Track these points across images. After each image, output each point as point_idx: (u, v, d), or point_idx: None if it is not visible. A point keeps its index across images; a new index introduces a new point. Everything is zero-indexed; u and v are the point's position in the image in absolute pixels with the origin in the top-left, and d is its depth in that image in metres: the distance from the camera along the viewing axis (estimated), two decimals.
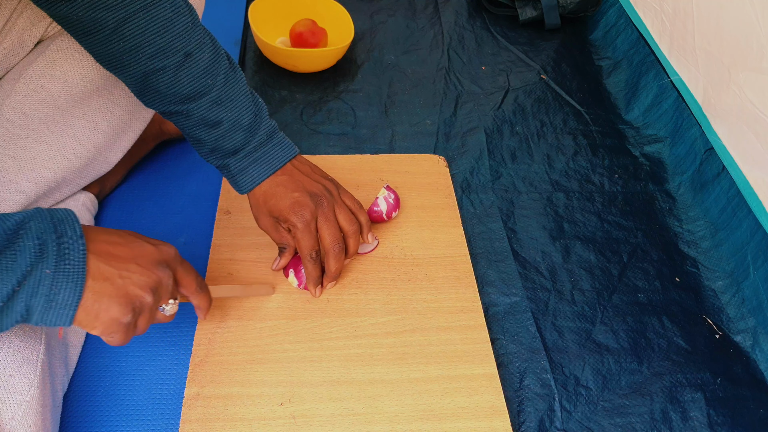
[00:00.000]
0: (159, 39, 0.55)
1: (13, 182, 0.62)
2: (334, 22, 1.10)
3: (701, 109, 0.95)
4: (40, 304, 0.42)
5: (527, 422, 0.66)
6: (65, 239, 0.44)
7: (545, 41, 1.24)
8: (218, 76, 0.60)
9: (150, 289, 0.48)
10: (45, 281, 0.42)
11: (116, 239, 0.48)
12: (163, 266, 0.50)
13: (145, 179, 0.83)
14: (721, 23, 0.88)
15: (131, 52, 0.55)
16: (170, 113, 0.61)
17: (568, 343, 0.74)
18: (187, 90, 0.58)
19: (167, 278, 0.50)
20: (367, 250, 0.77)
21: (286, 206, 0.63)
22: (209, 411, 0.60)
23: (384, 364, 0.66)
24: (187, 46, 0.57)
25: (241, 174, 0.64)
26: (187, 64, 0.58)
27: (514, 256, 0.82)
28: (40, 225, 0.43)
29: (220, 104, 0.60)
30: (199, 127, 0.61)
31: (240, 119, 0.62)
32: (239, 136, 0.62)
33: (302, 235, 0.63)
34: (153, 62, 0.56)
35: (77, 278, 0.43)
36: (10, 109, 0.60)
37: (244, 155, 0.63)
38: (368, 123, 1.00)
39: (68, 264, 0.43)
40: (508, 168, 0.95)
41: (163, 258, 0.50)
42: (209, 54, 0.59)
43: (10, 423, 0.49)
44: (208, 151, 0.64)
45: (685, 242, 0.89)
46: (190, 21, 0.57)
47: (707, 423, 0.69)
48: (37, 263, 0.41)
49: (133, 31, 0.54)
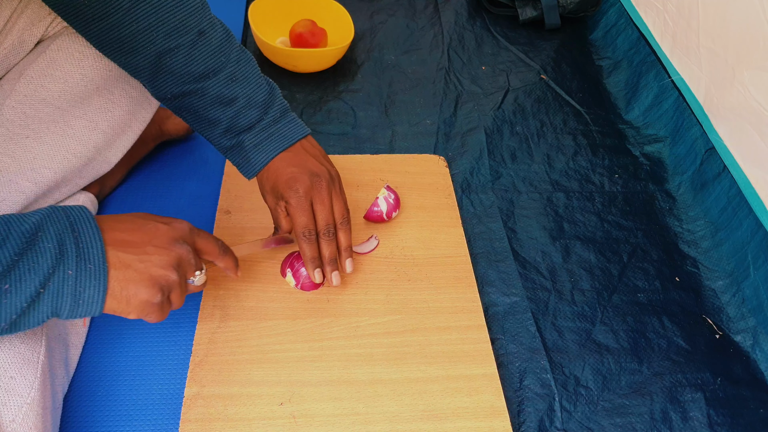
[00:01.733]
0: (172, 18, 0.55)
1: (13, 182, 0.62)
2: (334, 22, 1.10)
3: (702, 109, 0.95)
4: (68, 303, 0.44)
5: (527, 422, 0.66)
6: (82, 237, 0.45)
7: (545, 41, 1.24)
8: (231, 53, 0.60)
9: (172, 267, 0.49)
10: (68, 282, 0.43)
11: (129, 225, 0.49)
12: (179, 242, 0.51)
13: (145, 179, 0.83)
14: (726, 21, 0.88)
15: (144, 32, 0.55)
16: (184, 94, 0.60)
17: (568, 343, 0.74)
18: (202, 68, 0.58)
19: (186, 252, 0.51)
20: (367, 250, 0.77)
21: (283, 181, 0.62)
22: (209, 411, 0.60)
23: (384, 364, 0.66)
24: (200, 24, 0.57)
25: (255, 150, 0.63)
26: (200, 42, 0.57)
27: (514, 256, 0.82)
28: (57, 225, 0.44)
29: (235, 81, 0.60)
30: (215, 106, 0.60)
31: (255, 96, 0.61)
32: (254, 112, 0.61)
33: (294, 210, 0.62)
34: (167, 41, 0.56)
35: (99, 275, 0.45)
36: (10, 109, 0.60)
37: (260, 130, 0.62)
38: (368, 123, 1.00)
39: (89, 263, 0.44)
40: (508, 168, 0.95)
41: (177, 234, 0.51)
42: (221, 32, 0.59)
43: (10, 425, 0.49)
44: (222, 131, 0.62)
45: (685, 242, 0.89)
46: (200, 0, 0.58)
47: (707, 423, 0.69)
48: (58, 265, 0.43)
49: (147, 9, 0.54)
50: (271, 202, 0.65)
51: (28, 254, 0.41)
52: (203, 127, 0.63)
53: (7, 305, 0.41)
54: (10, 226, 0.42)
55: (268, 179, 0.64)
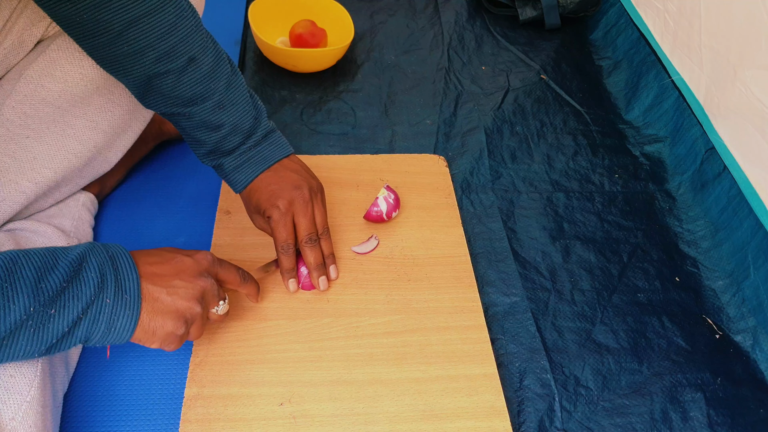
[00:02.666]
0: (163, 43, 0.55)
1: (13, 182, 0.62)
2: (334, 22, 1.10)
3: (702, 109, 0.95)
4: (101, 330, 0.46)
5: (527, 422, 0.66)
6: (121, 271, 0.48)
7: (545, 41, 1.24)
8: (221, 80, 0.60)
9: (196, 300, 0.52)
10: (105, 310, 0.46)
11: (157, 259, 0.52)
12: (204, 275, 0.53)
13: (145, 179, 0.83)
14: (728, 20, 0.88)
15: (134, 55, 0.55)
16: (172, 114, 0.62)
17: (568, 343, 0.74)
18: (190, 93, 0.59)
19: (210, 285, 0.54)
20: (367, 250, 0.77)
21: (264, 198, 0.64)
22: (209, 411, 0.60)
23: (384, 364, 0.66)
24: (191, 50, 0.57)
25: (235, 172, 0.65)
26: (190, 68, 0.58)
27: (514, 256, 0.82)
28: (99, 257, 0.47)
29: (223, 108, 0.61)
30: (200, 129, 0.62)
31: (241, 123, 0.63)
32: (238, 138, 0.63)
33: (276, 225, 0.64)
34: (157, 66, 0.56)
35: (134, 305, 0.48)
36: (10, 109, 0.60)
37: (239, 154, 0.64)
38: (368, 123, 1.00)
39: (125, 293, 0.47)
40: (508, 168, 0.95)
41: (202, 267, 0.54)
42: (212, 58, 0.59)
43: (10, 423, 0.49)
44: (206, 152, 0.65)
45: (685, 242, 0.89)
46: (194, 24, 0.58)
47: (707, 423, 0.69)
48: (99, 293, 0.45)
49: (138, 35, 0.54)
50: (259, 222, 0.68)
51: (74, 282, 0.44)
52: (190, 142, 0.65)
53: (51, 329, 0.43)
54: (57, 256, 0.45)
55: (251, 199, 0.66)
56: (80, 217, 0.71)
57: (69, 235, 0.68)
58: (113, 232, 0.76)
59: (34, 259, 0.43)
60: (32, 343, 0.43)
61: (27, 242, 0.63)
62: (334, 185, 0.84)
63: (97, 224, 0.76)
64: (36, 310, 0.42)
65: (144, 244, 0.75)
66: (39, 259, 0.44)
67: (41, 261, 0.44)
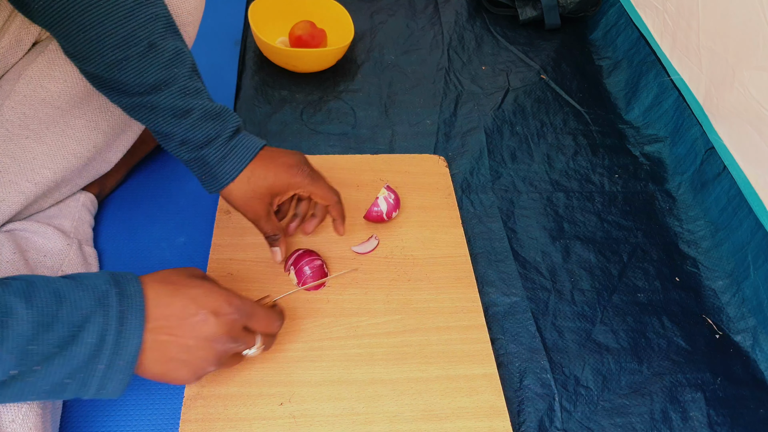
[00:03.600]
0: (121, 29, 0.54)
1: (13, 182, 0.62)
2: (334, 22, 1.10)
3: (702, 109, 0.95)
4: (91, 391, 0.43)
5: (527, 422, 0.66)
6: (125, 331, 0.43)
7: (545, 41, 1.24)
8: (184, 66, 0.58)
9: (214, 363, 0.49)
10: (97, 375, 0.43)
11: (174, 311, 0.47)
12: (225, 339, 0.49)
13: (145, 179, 0.83)
14: (727, 21, 0.88)
15: (94, 41, 0.54)
16: (138, 106, 0.58)
17: (568, 343, 0.74)
18: (152, 79, 0.56)
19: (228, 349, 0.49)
20: (367, 250, 0.77)
21: (283, 174, 0.63)
22: (209, 411, 0.60)
23: (384, 364, 0.66)
24: (150, 37, 0.55)
25: (222, 162, 0.60)
26: (150, 54, 0.56)
27: (514, 256, 0.82)
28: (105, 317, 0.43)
29: (188, 93, 0.58)
30: (168, 119, 0.58)
31: (210, 107, 0.59)
32: (211, 125, 0.60)
33: (315, 186, 0.65)
34: (115, 53, 0.54)
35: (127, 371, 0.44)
36: (9, 110, 0.60)
37: (222, 143, 0.60)
38: (368, 123, 1.00)
39: (121, 359, 0.43)
40: (508, 168, 0.95)
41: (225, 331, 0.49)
42: (173, 45, 0.57)
43: (10, 426, 0.49)
44: (177, 144, 0.60)
45: (685, 242, 0.89)
46: (153, 12, 0.56)
47: (707, 423, 0.69)
48: (92, 360, 0.42)
49: (94, 20, 0.53)
50: (259, 211, 0.64)
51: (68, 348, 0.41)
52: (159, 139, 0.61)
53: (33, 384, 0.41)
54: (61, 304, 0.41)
55: (256, 184, 0.62)
56: (80, 217, 0.71)
57: (69, 235, 0.68)
58: (113, 232, 0.76)
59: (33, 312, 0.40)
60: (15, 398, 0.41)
61: (27, 243, 0.63)
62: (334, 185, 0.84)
63: (97, 224, 0.76)
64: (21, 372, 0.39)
65: (144, 244, 0.75)
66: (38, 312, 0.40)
67: (40, 315, 0.40)
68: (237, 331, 0.50)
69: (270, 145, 0.66)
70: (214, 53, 1.06)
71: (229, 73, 1.03)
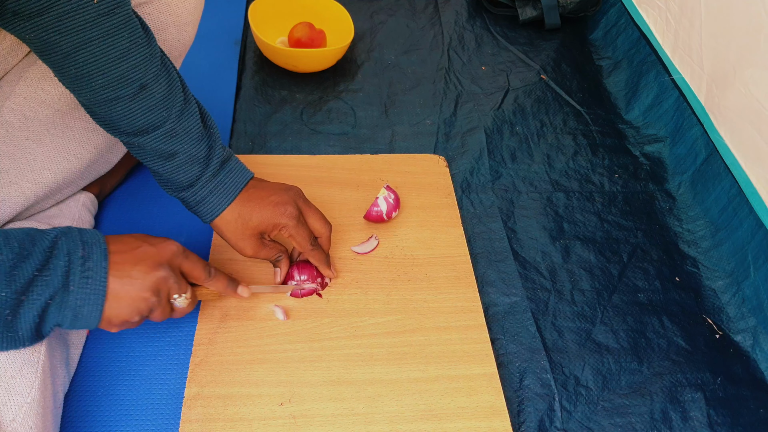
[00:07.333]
0: (114, 69, 0.53)
1: (13, 183, 0.62)
2: (334, 22, 1.10)
3: (703, 108, 0.95)
4: (69, 317, 0.48)
5: (527, 422, 0.66)
6: (90, 258, 0.49)
7: (545, 41, 1.24)
8: (173, 108, 0.58)
9: (151, 291, 0.52)
10: (70, 296, 0.47)
11: (122, 247, 0.52)
12: (163, 266, 0.53)
13: (145, 179, 0.83)
14: (729, 20, 0.88)
15: (84, 78, 0.53)
16: (127, 143, 0.60)
17: (568, 343, 0.74)
18: (140, 122, 0.57)
19: (167, 277, 0.53)
20: (367, 250, 0.77)
21: (269, 213, 0.63)
22: (209, 411, 0.60)
23: (384, 364, 0.66)
24: (143, 78, 0.55)
25: (201, 205, 0.62)
26: (141, 95, 0.56)
27: (514, 256, 0.82)
28: (70, 244, 0.48)
29: (175, 137, 0.59)
30: (154, 159, 0.60)
31: (196, 151, 0.60)
32: (194, 168, 0.61)
33: (296, 230, 0.64)
34: (105, 92, 0.54)
35: (99, 294, 0.49)
36: (9, 111, 0.60)
37: (200, 186, 0.61)
38: (368, 123, 1.00)
39: (90, 281, 0.48)
40: (508, 168, 0.95)
41: (162, 258, 0.53)
42: (165, 86, 0.57)
43: (11, 425, 0.49)
44: (164, 182, 0.62)
45: (685, 242, 0.89)
46: (148, 52, 0.56)
47: (707, 423, 0.69)
48: (65, 280, 0.47)
49: (87, 58, 0.52)
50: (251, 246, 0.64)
51: (44, 270, 0.46)
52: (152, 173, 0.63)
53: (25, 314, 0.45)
54: (34, 241, 0.46)
55: (243, 224, 0.63)
56: (80, 217, 0.71)
57: None
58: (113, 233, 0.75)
59: (13, 245, 0.45)
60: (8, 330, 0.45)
61: None
62: (334, 185, 0.84)
63: (97, 224, 0.76)
64: (8, 296, 0.44)
65: None
66: (18, 244, 0.45)
67: (19, 246, 0.45)
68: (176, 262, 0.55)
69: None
70: (214, 53, 1.06)
71: (229, 73, 1.03)
